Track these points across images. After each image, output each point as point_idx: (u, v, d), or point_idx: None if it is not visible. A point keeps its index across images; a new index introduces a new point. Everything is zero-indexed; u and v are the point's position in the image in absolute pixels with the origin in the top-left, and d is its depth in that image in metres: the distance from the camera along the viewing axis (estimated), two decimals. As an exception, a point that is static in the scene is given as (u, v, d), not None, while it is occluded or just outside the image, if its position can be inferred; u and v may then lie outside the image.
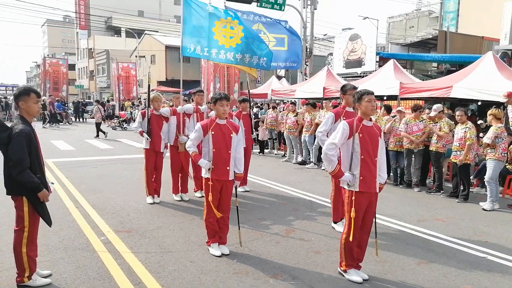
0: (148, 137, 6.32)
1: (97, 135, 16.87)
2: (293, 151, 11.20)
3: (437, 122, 7.74)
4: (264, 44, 7.03)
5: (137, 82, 31.02)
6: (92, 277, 3.82)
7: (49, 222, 3.63)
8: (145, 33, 39.43)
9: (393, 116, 8.52)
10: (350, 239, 3.68)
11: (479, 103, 10.39)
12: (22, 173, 3.30)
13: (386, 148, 8.24)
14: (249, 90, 8.53)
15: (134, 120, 22.43)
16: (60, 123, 23.10)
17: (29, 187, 3.37)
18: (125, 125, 21.50)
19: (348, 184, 3.71)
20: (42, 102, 22.94)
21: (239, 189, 7.26)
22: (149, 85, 7.02)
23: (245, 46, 6.79)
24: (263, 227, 5.41)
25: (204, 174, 4.35)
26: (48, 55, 51.82)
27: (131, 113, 23.12)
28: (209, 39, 6.63)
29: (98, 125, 17.25)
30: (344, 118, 4.88)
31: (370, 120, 3.82)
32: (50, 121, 22.22)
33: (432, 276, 4.00)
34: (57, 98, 24.96)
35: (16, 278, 3.55)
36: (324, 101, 10.44)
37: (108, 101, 25.58)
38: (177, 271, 3.98)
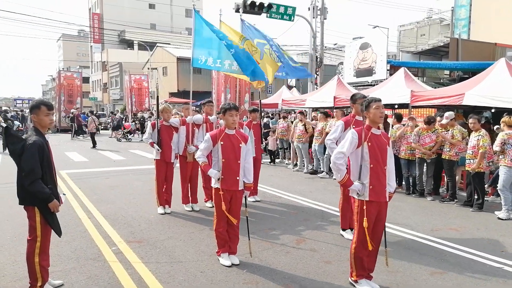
0: (158, 148, 6.38)
1: (94, 146, 17.25)
2: (303, 160, 11.17)
3: (449, 130, 7.65)
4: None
5: (149, 93, 31.40)
6: (103, 286, 3.85)
7: (59, 233, 3.68)
8: (157, 46, 40.03)
9: (404, 125, 8.46)
10: (370, 248, 3.64)
11: (493, 110, 10.23)
12: (33, 183, 3.37)
13: (398, 156, 8.17)
14: (260, 100, 8.59)
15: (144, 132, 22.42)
16: (85, 134, 23.61)
17: (40, 197, 3.43)
18: (129, 136, 21.53)
19: (357, 193, 3.68)
20: (71, 115, 23.75)
21: (250, 199, 7.28)
22: (157, 97, 7.03)
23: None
24: (274, 237, 5.38)
25: (214, 184, 4.37)
26: (63, 68, 52.96)
27: (135, 124, 23.24)
28: (222, 50, 6.73)
29: (92, 135, 17.92)
30: (353, 126, 4.86)
31: (379, 128, 3.81)
32: (77, 133, 23.04)
33: (446, 287, 3.92)
34: (72, 110, 25.48)
35: (29, 287, 3.60)
36: (334, 110, 10.43)
37: (113, 113, 25.98)
38: (187, 281, 3.98)
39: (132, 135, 22.17)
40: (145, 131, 22.08)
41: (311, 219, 6.29)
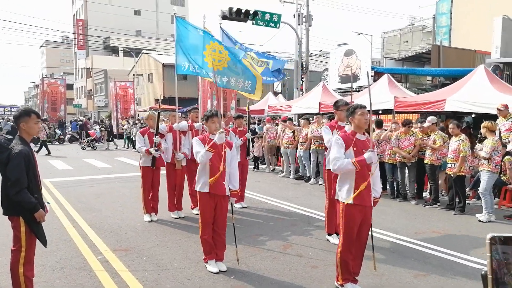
0: (156, 149, 6.30)
1: (48, 152, 17.42)
2: (290, 166, 11.25)
3: (429, 135, 7.83)
4: (248, 70, 7.23)
5: (134, 100, 31.18)
6: (89, 296, 3.82)
7: (44, 243, 3.64)
8: (143, 52, 39.85)
9: (385, 129, 8.65)
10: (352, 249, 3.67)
11: (473, 115, 10.51)
12: (19, 193, 3.34)
13: (382, 161, 8.31)
14: (248, 107, 8.65)
15: (111, 140, 21.83)
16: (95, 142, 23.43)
17: (26, 207, 3.40)
18: (95, 144, 20.74)
19: (372, 162, 3.61)
20: (80, 122, 23.66)
21: (237, 206, 7.29)
22: (159, 113, 6.58)
23: (230, 70, 7.02)
24: (261, 243, 5.42)
25: (201, 188, 4.35)
26: (46, 75, 52.22)
27: (101, 131, 22.43)
28: (202, 60, 6.84)
29: (43, 142, 18.04)
30: (337, 131, 4.95)
31: (363, 134, 3.90)
32: (88, 142, 22.55)
33: (429, 289, 4.01)
34: (81, 118, 25.70)
35: (13, 299, 3.55)
36: (315, 116, 10.52)
37: (102, 121, 25.77)
38: (174, 289, 3.98)
39: (97, 142, 21.33)
40: (112, 139, 21.78)
41: (298, 225, 6.35)
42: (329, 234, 5.49)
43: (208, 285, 4.07)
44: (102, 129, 23.21)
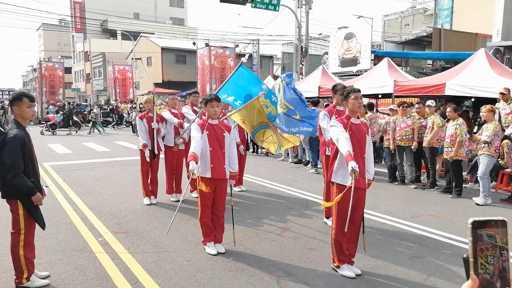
0: (148, 154, 6.32)
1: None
2: (288, 150, 11.28)
3: (426, 118, 7.85)
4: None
5: (133, 84, 31.03)
6: (90, 277, 3.88)
7: (43, 226, 3.68)
8: (141, 36, 39.46)
9: (377, 111, 8.72)
10: (345, 230, 3.68)
11: (473, 100, 10.49)
12: (16, 177, 3.36)
13: (376, 144, 8.34)
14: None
15: (72, 125, 21.08)
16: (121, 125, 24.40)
17: (23, 191, 3.42)
18: (55, 129, 19.92)
19: (352, 168, 3.47)
20: (111, 106, 24.16)
21: (235, 189, 7.36)
22: (154, 99, 6.62)
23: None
24: (259, 226, 5.48)
25: (202, 173, 4.36)
26: (44, 58, 51.75)
27: (63, 115, 20.80)
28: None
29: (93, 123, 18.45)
30: (336, 116, 4.95)
31: (358, 117, 3.91)
32: (117, 123, 24.07)
33: (424, 270, 4.07)
34: (111, 102, 25.97)
35: (15, 280, 3.61)
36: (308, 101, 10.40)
37: (104, 104, 25.78)
38: (174, 270, 4.04)
39: (57, 128, 20.33)
40: (73, 123, 21.18)
41: (296, 208, 6.41)
42: (327, 217, 5.54)
43: (207, 266, 4.14)
44: (60, 112, 21.41)
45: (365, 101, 10.84)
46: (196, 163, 4.06)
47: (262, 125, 5.73)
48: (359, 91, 3.82)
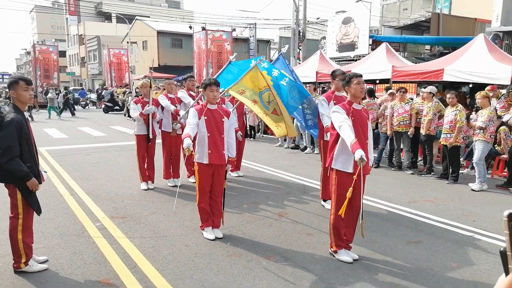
0: (148, 105, 6.22)
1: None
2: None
3: (424, 102, 7.85)
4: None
5: (129, 68, 30.70)
6: (88, 262, 3.89)
7: (38, 211, 3.65)
8: (136, 19, 38.85)
9: (376, 97, 8.71)
10: (342, 216, 3.67)
11: (471, 85, 10.46)
12: (10, 161, 3.32)
13: (376, 130, 8.34)
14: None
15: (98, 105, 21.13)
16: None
17: (18, 175, 3.38)
18: (32, 110, 19.87)
19: (361, 158, 3.37)
20: (49, 92, 22.84)
21: (233, 174, 7.37)
22: (150, 83, 6.48)
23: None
24: (257, 211, 5.50)
25: (200, 159, 4.34)
26: (37, 42, 50.98)
27: (47, 99, 20.48)
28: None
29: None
30: (334, 102, 4.93)
31: (359, 103, 3.88)
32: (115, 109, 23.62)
33: (420, 255, 4.12)
34: (45, 85, 25.06)
35: (13, 264, 3.61)
36: (307, 85, 10.20)
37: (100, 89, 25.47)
38: (172, 255, 4.06)
39: (32, 110, 20.15)
40: (31, 108, 20.70)
41: (293, 193, 6.43)
42: (324, 200, 5.64)
43: (205, 251, 4.16)
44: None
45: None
46: (190, 140, 3.96)
47: (266, 88, 5.41)
48: (361, 76, 3.79)
